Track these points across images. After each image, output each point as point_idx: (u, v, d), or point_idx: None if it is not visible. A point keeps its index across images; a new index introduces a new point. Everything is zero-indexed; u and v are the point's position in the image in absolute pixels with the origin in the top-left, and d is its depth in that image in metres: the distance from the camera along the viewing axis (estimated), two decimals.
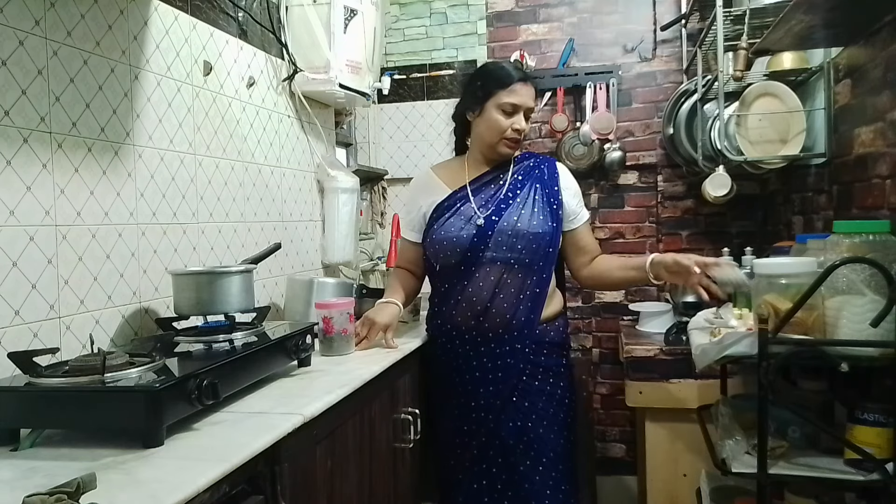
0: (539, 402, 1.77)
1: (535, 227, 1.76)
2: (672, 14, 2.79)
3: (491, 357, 1.77)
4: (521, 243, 1.75)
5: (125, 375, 1.10)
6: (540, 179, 1.83)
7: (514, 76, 1.77)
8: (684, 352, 2.24)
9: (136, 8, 1.56)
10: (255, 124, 2.06)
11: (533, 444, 1.74)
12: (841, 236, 1.39)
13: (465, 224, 1.79)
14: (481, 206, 1.80)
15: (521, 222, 1.76)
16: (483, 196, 1.82)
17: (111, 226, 1.47)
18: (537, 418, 1.76)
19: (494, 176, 1.86)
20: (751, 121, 2.03)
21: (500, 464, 1.76)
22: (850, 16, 1.54)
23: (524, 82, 1.78)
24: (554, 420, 1.78)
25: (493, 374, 1.77)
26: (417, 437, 1.73)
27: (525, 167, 1.86)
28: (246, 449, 1.02)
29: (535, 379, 1.78)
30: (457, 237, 1.78)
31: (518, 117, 1.78)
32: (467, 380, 1.79)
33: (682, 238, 2.85)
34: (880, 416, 1.40)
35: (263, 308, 1.57)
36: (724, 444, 1.60)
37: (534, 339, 1.77)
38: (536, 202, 1.80)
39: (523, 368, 1.76)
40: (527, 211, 1.78)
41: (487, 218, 1.77)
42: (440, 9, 3.04)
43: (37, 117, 1.28)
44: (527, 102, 1.78)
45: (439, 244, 1.81)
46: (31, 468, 0.97)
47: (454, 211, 1.82)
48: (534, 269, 1.77)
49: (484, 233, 1.76)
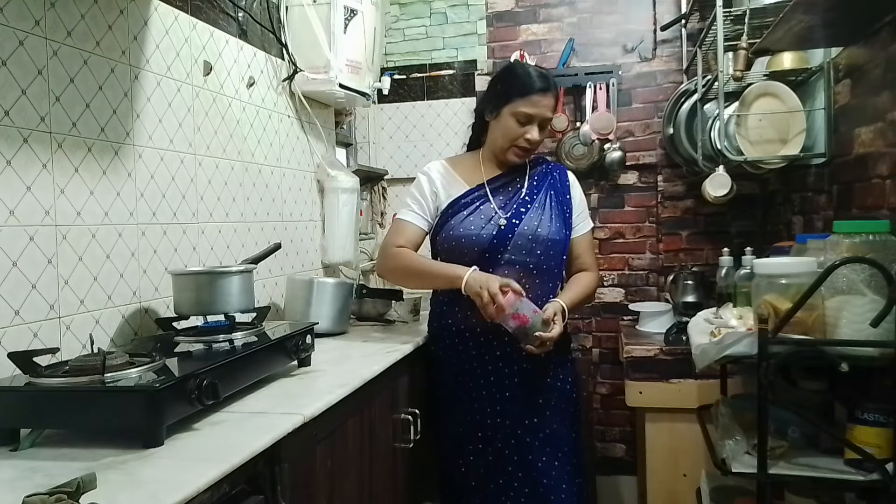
0: (552, 399, 1.79)
1: (554, 234, 1.78)
2: (672, 14, 2.79)
3: (506, 359, 1.76)
4: (540, 248, 1.76)
5: (125, 375, 1.10)
6: (554, 186, 1.85)
7: (535, 86, 1.73)
8: (684, 352, 2.24)
9: (136, 8, 1.55)
10: (255, 124, 2.06)
11: (551, 440, 1.76)
12: (841, 236, 1.39)
13: (485, 224, 1.77)
14: (501, 207, 1.79)
15: (542, 228, 1.77)
16: (502, 197, 1.82)
17: (111, 226, 1.47)
18: (551, 414, 1.78)
19: (512, 178, 1.85)
20: (751, 121, 2.02)
21: (517, 461, 1.75)
22: (849, 16, 1.54)
23: (544, 93, 1.74)
24: (566, 415, 1.81)
25: (509, 377, 1.76)
26: (417, 437, 1.73)
27: (540, 172, 1.87)
28: (246, 449, 1.02)
29: (546, 375, 1.79)
30: (476, 236, 1.75)
31: (531, 128, 1.75)
32: (482, 384, 1.77)
33: (682, 238, 2.85)
34: (880, 416, 1.40)
35: (263, 308, 1.57)
36: (724, 444, 1.60)
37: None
38: (553, 208, 1.81)
39: (535, 367, 1.76)
40: (546, 217, 1.79)
41: (509, 220, 1.76)
42: (440, 9, 3.04)
43: (37, 117, 1.28)
44: (543, 114, 1.75)
45: (457, 241, 1.77)
46: (31, 468, 0.97)
47: (473, 209, 1.79)
48: (549, 274, 1.79)
49: (504, 235, 1.75)
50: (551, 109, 1.77)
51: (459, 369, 1.81)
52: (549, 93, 1.75)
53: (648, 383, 2.31)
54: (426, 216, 1.84)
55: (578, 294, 1.81)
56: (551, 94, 1.76)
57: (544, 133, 1.81)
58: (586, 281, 1.86)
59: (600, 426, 2.94)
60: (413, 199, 1.86)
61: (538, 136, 1.77)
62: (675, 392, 2.28)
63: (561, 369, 1.82)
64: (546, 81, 1.76)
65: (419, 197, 1.85)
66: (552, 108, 1.78)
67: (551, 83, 1.77)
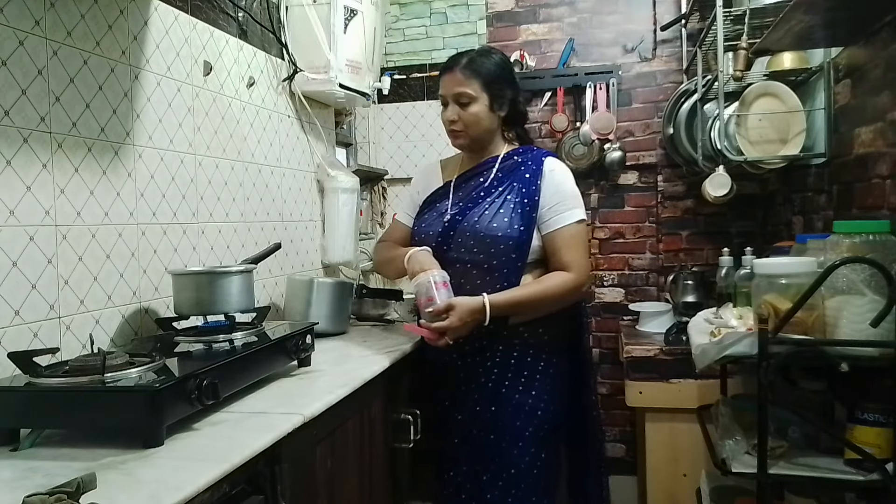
0: (505, 415, 1.66)
1: (495, 230, 1.64)
2: (672, 14, 2.79)
3: (462, 361, 1.70)
4: (479, 245, 1.65)
5: (125, 375, 1.10)
6: (520, 179, 1.70)
7: (444, 66, 1.74)
8: (684, 352, 2.24)
9: (136, 8, 1.55)
10: (255, 124, 2.06)
11: (494, 459, 1.65)
12: (841, 236, 1.39)
13: (434, 220, 1.75)
14: (455, 204, 1.74)
15: (481, 223, 1.65)
16: (462, 193, 1.76)
17: (111, 226, 1.47)
18: (502, 431, 1.65)
19: (479, 172, 1.77)
20: (751, 121, 2.02)
21: (465, 472, 1.68)
22: (850, 16, 1.54)
23: (447, 71, 1.72)
24: (520, 434, 1.64)
25: (466, 382, 1.70)
26: (417, 438, 1.73)
27: (511, 165, 1.74)
28: (246, 449, 1.02)
29: (503, 384, 1.67)
30: (425, 234, 1.74)
31: (448, 108, 1.72)
32: (445, 394, 1.74)
33: (682, 238, 2.85)
34: (880, 417, 1.40)
35: (263, 308, 1.57)
36: (724, 444, 1.60)
37: (501, 342, 1.68)
38: (507, 203, 1.67)
39: (490, 372, 1.68)
40: (491, 211, 1.67)
41: (453, 216, 1.71)
42: (440, 9, 3.04)
43: (37, 117, 1.28)
44: (448, 90, 1.71)
45: (416, 237, 1.78)
46: (31, 468, 0.97)
47: (433, 206, 1.80)
48: (494, 274, 1.64)
49: (447, 232, 1.70)
50: (457, 84, 1.69)
51: (433, 371, 1.77)
52: (451, 70, 1.71)
53: (648, 383, 2.31)
54: (412, 214, 1.87)
55: (522, 295, 1.62)
56: (453, 69, 1.70)
57: (467, 112, 1.70)
58: (550, 281, 1.65)
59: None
60: (405, 197, 1.94)
61: (451, 114, 1.71)
62: (675, 392, 2.28)
63: (525, 378, 1.67)
64: (451, 60, 1.74)
65: (408, 196, 1.92)
66: (458, 83, 1.69)
67: (455, 60, 1.72)
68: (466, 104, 1.70)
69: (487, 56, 1.74)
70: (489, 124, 1.74)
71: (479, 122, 1.71)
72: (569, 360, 1.78)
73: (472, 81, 1.69)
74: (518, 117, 1.81)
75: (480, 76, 1.69)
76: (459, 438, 1.70)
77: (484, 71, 1.70)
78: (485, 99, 1.70)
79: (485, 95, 1.70)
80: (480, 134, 1.74)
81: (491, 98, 1.71)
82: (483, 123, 1.72)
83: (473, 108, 1.70)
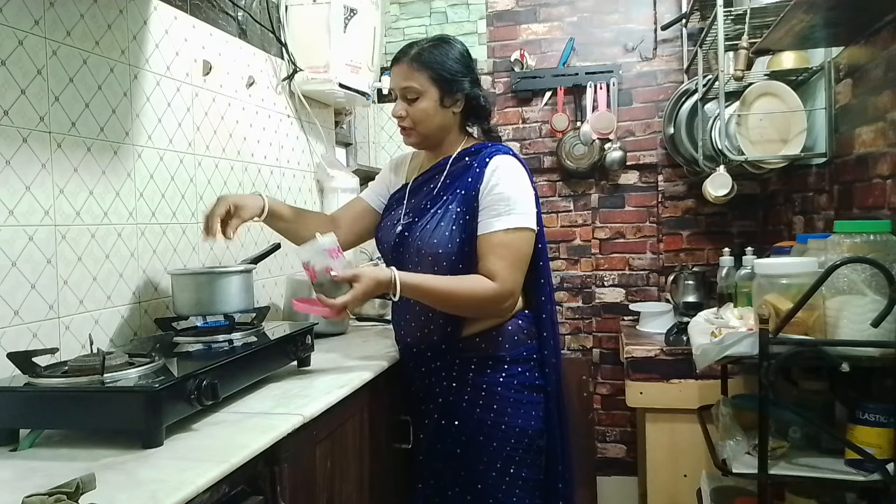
0: (467, 428, 1.55)
1: (435, 247, 1.52)
2: (672, 13, 2.79)
3: (420, 373, 1.63)
4: (422, 263, 1.53)
5: (124, 376, 1.10)
6: (464, 183, 1.54)
7: (394, 57, 1.60)
8: (685, 352, 2.24)
9: (136, 7, 1.55)
10: (255, 124, 2.05)
11: (461, 473, 1.56)
12: (842, 236, 1.39)
13: (391, 229, 1.63)
14: (406, 214, 1.62)
15: (422, 239, 1.53)
16: (415, 201, 1.63)
17: (110, 226, 1.47)
18: (465, 446, 1.56)
19: (431, 176, 1.64)
20: (751, 120, 2.02)
21: (433, 486, 1.60)
22: (850, 15, 1.54)
23: (396, 63, 1.58)
24: (484, 449, 1.54)
25: (425, 391, 1.62)
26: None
27: (461, 167, 1.59)
28: (246, 449, 1.02)
29: (462, 399, 1.56)
30: (385, 243, 1.65)
31: (396, 103, 1.60)
32: (414, 406, 1.68)
33: (683, 238, 2.85)
34: (881, 417, 1.40)
35: (263, 308, 1.57)
36: (724, 445, 1.59)
37: (457, 355, 1.57)
38: (448, 214, 1.53)
39: (447, 386, 1.58)
40: (431, 225, 1.54)
41: (402, 231, 1.59)
42: (440, 8, 3.04)
43: (36, 117, 1.28)
44: (396, 85, 1.58)
45: (377, 243, 1.70)
46: (31, 468, 0.97)
47: (391, 210, 1.69)
48: None
49: (397, 248, 1.59)
50: (404, 77, 1.56)
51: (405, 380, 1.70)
52: (398, 61, 1.58)
53: (649, 383, 2.31)
54: (375, 194, 1.76)
55: (434, 284, 1.47)
56: (401, 61, 1.57)
57: (414, 108, 1.56)
58: (468, 282, 1.48)
59: (600, 426, 2.93)
60: (378, 180, 1.80)
61: (398, 110, 1.58)
62: (675, 392, 2.28)
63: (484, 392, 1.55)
64: (400, 51, 1.59)
65: (382, 180, 1.79)
66: (405, 76, 1.55)
67: (404, 52, 1.58)
68: (414, 99, 1.56)
69: (439, 47, 1.58)
70: (441, 121, 1.58)
71: (427, 118, 1.57)
72: (538, 375, 1.61)
73: (419, 74, 1.54)
74: (479, 112, 1.64)
75: (430, 69, 1.54)
76: (424, 453, 1.62)
77: (434, 63, 1.54)
78: (434, 93, 1.55)
79: (434, 90, 1.55)
80: (431, 131, 1.59)
81: (441, 92, 1.55)
82: (433, 120, 1.57)
83: (422, 104, 1.55)
